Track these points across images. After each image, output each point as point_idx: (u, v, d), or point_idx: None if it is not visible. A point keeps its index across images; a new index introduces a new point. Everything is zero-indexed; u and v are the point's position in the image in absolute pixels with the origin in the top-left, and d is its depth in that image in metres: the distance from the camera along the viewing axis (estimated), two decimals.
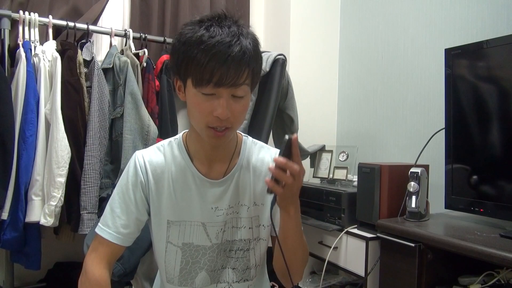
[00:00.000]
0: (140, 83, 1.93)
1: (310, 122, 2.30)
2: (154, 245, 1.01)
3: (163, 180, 0.95)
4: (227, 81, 0.80)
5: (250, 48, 0.82)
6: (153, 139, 1.85)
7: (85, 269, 0.92)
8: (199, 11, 2.29)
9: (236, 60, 0.80)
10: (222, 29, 0.81)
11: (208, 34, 0.80)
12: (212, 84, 0.81)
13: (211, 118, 0.84)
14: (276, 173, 0.82)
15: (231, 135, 0.92)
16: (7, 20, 1.70)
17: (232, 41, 0.80)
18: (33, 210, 1.64)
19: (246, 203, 0.99)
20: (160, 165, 0.96)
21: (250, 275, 1.01)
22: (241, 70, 0.81)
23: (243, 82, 0.83)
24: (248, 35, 0.85)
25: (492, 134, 1.39)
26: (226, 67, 0.79)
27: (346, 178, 1.93)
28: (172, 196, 0.95)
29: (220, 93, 0.82)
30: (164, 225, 0.96)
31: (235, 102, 0.84)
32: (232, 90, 0.82)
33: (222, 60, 0.79)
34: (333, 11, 2.47)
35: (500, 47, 1.34)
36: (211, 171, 0.97)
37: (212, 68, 0.79)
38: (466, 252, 1.14)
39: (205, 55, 0.79)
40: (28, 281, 1.98)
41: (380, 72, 2.19)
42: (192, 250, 0.96)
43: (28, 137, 1.64)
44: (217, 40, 0.79)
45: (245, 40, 0.83)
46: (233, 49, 0.79)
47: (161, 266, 1.00)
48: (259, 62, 0.87)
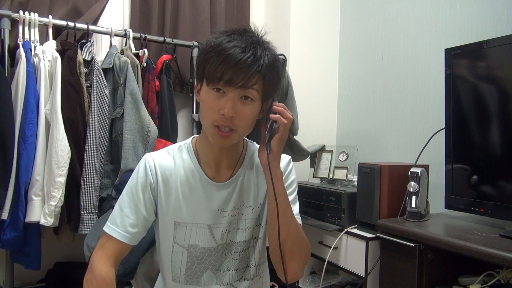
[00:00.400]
0: (140, 83, 1.93)
1: (310, 122, 2.30)
2: (160, 245, 1.03)
3: (171, 182, 0.98)
4: (236, 82, 0.86)
5: (264, 58, 0.88)
6: (153, 139, 1.85)
7: (91, 267, 0.93)
8: (199, 11, 2.29)
9: (247, 64, 0.85)
10: (242, 37, 0.88)
11: (228, 39, 0.87)
12: (223, 82, 0.87)
13: (217, 116, 0.88)
14: (279, 109, 0.93)
15: (236, 138, 0.94)
16: (7, 20, 1.70)
17: (247, 48, 0.86)
18: (33, 210, 1.64)
19: (250, 204, 1.02)
20: (169, 167, 0.99)
21: (250, 275, 1.03)
22: (251, 74, 0.86)
23: (251, 86, 0.88)
24: (267, 48, 0.91)
25: (492, 134, 1.39)
26: (236, 69, 0.85)
27: (346, 178, 1.93)
28: (179, 198, 0.98)
29: (228, 92, 0.87)
30: (171, 226, 0.98)
31: (242, 104, 0.89)
32: (241, 91, 0.88)
33: (233, 62, 0.85)
34: (333, 11, 2.47)
35: (500, 47, 1.34)
36: (218, 175, 1.00)
37: (223, 68, 0.85)
38: (466, 252, 1.14)
39: (219, 56, 0.86)
40: (28, 281, 1.98)
41: (380, 72, 2.19)
42: (197, 252, 0.99)
43: (28, 137, 1.64)
44: (234, 44, 0.86)
45: (262, 50, 0.88)
46: (246, 54, 0.86)
47: (167, 266, 1.01)
48: (274, 73, 0.91)
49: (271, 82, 0.92)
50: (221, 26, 2.35)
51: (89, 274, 0.93)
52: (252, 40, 0.88)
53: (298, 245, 0.96)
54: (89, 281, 0.93)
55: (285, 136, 0.94)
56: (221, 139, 0.91)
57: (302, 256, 0.97)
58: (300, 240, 0.96)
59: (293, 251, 0.95)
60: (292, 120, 0.95)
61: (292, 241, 0.95)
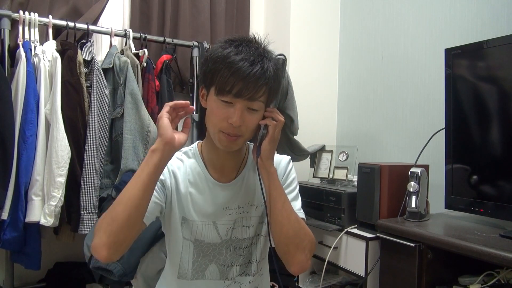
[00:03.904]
0: (140, 83, 1.93)
1: (310, 122, 2.30)
2: (170, 242, 1.06)
3: (180, 182, 1.03)
4: (245, 94, 0.90)
5: (271, 70, 0.92)
6: (153, 139, 1.85)
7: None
8: (199, 11, 2.29)
9: (256, 77, 0.90)
10: (249, 49, 0.92)
11: (236, 51, 0.91)
12: (232, 95, 0.91)
13: (225, 124, 0.93)
14: (269, 114, 0.97)
15: (242, 143, 0.99)
16: (7, 20, 1.70)
17: (256, 60, 0.90)
18: (33, 210, 1.64)
19: (255, 203, 1.06)
20: (179, 169, 1.05)
21: (251, 271, 1.07)
22: (259, 86, 0.91)
23: (258, 98, 0.93)
24: (272, 58, 0.95)
25: (492, 134, 1.39)
26: (245, 82, 0.89)
27: (346, 178, 1.93)
28: (188, 198, 1.03)
29: (236, 103, 0.92)
30: (178, 221, 1.02)
31: (249, 114, 0.94)
32: (248, 103, 0.92)
33: (243, 76, 0.89)
34: (333, 11, 2.47)
35: (500, 47, 1.34)
36: (223, 176, 1.05)
37: (233, 81, 0.89)
38: (466, 252, 1.14)
39: (229, 69, 0.90)
40: (28, 281, 1.98)
41: (380, 72, 2.19)
42: (203, 246, 1.03)
43: (28, 137, 1.64)
44: (242, 57, 0.90)
45: (268, 62, 0.93)
46: (255, 67, 0.90)
47: (175, 262, 1.05)
48: (277, 82, 0.97)
49: (274, 91, 0.97)
50: (221, 26, 2.35)
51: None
52: (259, 52, 0.92)
53: (300, 236, 0.99)
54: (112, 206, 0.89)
55: (276, 136, 0.98)
56: (228, 143, 0.96)
57: (307, 247, 0.99)
58: (301, 232, 0.99)
59: (297, 243, 0.98)
60: (283, 121, 0.98)
61: (294, 233, 0.98)
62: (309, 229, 1.01)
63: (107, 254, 0.85)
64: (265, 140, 0.97)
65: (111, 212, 0.87)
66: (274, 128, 0.97)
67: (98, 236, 0.86)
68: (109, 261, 0.89)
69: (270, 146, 0.98)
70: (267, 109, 0.98)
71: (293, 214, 0.99)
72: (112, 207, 0.88)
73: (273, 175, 0.99)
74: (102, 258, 0.86)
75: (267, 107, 0.98)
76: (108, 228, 0.85)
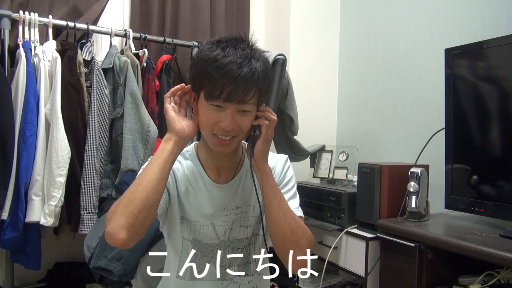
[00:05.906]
0: (140, 83, 1.93)
1: (310, 122, 2.30)
2: (169, 242, 1.07)
3: (180, 182, 1.04)
4: (235, 97, 0.89)
5: (259, 70, 0.91)
6: (153, 139, 1.85)
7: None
8: (199, 11, 2.29)
9: (245, 79, 0.88)
10: (236, 50, 0.90)
11: (223, 54, 0.89)
12: (221, 100, 0.90)
13: (217, 127, 0.93)
14: (262, 114, 0.96)
15: (236, 144, 0.99)
16: (7, 20, 1.70)
17: (243, 62, 0.89)
18: (33, 210, 1.64)
19: (252, 203, 1.06)
20: (178, 171, 1.05)
21: (250, 271, 1.07)
22: (248, 89, 0.90)
23: (249, 100, 0.91)
24: (260, 58, 0.93)
25: (492, 134, 1.39)
26: (235, 85, 0.88)
27: (346, 178, 1.93)
28: (186, 198, 1.03)
29: (227, 107, 0.91)
30: (178, 220, 1.03)
31: (241, 116, 0.93)
32: (239, 106, 0.92)
33: (232, 79, 0.88)
34: (333, 11, 2.47)
35: (500, 47, 1.34)
36: (220, 177, 1.05)
37: (223, 84, 0.88)
38: (466, 252, 1.14)
39: (217, 73, 0.88)
40: (28, 281, 1.98)
41: (380, 72, 2.19)
42: (201, 246, 1.04)
43: (28, 137, 1.64)
44: (230, 60, 0.88)
45: (256, 62, 0.91)
46: (243, 70, 0.88)
47: (174, 262, 1.05)
48: (266, 83, 0.96)
49: (265, 90, 0.96)
50: (221, 26, 2.35)
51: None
52: (246, 53, 0.91)
53: (298, 235, 0.98)
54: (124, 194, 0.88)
55: (270, 136, 0.97)
56: (222, 147, 0.96)
57: (305, 244, 0.99)
58: (299, 230, 0.99)
59: (294, 241, 0.97)
60: (276, 121, 0.97)
61: (291, 231, 0.97)
62: (307, 227, 1.01)
63: (126, 236, 0.82)
64: (259, 140, 0.97)
65: (128, 195, 0.86)
66: (267, 128, 0.96)
67: (114, 220, 0.83)
68: (126, 246, 0.85)
69: (264, 146, 0.97)
70: (259, 108, 0.97)
71: (290, 213, 0.99)
72: (129, 191, 0.87)
73: (267, 174, 0.98)
74: (120, 242, 0.83)
75: (259, 106, 0.97)
76: (126, 210, 0.84)
